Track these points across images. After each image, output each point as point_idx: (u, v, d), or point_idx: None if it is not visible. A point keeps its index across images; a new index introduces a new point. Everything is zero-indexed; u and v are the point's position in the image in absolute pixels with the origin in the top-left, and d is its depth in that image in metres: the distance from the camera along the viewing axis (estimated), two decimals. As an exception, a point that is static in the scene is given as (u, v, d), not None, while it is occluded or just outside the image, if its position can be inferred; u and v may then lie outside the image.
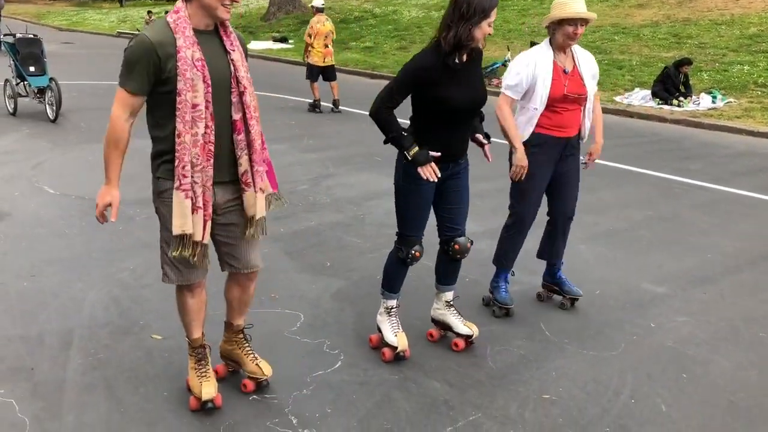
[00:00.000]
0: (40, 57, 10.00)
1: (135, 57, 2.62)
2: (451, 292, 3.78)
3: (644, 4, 19.83)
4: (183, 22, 2.66)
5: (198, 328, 3.11)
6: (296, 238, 5.43)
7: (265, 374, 3.21)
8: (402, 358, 3.58)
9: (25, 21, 23.97)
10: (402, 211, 3.50)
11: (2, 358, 3.48)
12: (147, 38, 2.62)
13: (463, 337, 3.73)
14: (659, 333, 4.01)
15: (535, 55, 3.87)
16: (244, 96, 2.80)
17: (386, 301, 3.68)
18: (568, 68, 3.87)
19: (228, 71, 2.76)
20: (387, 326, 3.63)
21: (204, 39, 2.71)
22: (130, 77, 2.65)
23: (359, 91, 13.83)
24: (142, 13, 30.11)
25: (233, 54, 2.78)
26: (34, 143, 8.32)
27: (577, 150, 4.08)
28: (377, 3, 26.00)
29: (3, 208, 5.85)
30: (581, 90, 3.87)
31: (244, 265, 3.08)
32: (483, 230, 5.59)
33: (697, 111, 11.93)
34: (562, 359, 3.68)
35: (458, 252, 3.60)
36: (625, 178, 7.67)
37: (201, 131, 2.69)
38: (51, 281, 4.43)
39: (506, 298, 4.16)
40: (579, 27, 3.75)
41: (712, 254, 5.34)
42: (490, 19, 3.18)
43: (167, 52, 2.62)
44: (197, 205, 2.76)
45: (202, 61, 2.66)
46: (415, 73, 3.26)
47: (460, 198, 3.57)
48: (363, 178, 7.23)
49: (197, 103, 2.66)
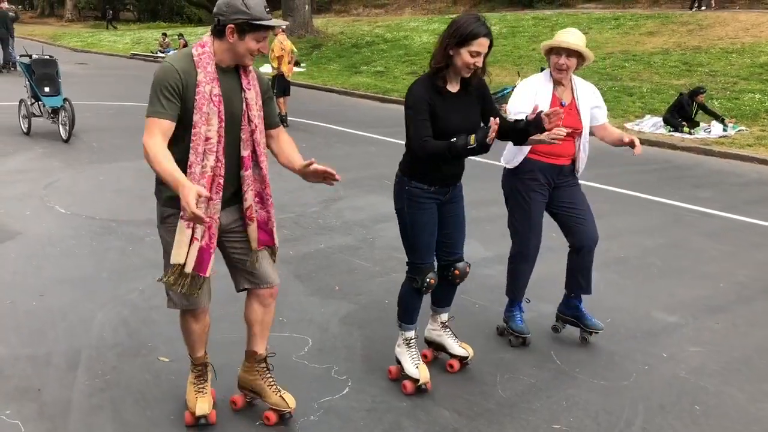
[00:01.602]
0: (55, 78, 10.11)
1: (160, 83, 2.69)
2: (447, 313, 3.77)
3: (655, 31, 19.92)
4: (207, 58, 2.74)
5: (200, 349, 3.14)
6: (305, 261, 5.42)
7: (290, 406, 3.13)
8: (424, 391, 3.51)
9: (41, 42, 24.33)
10: (410, 239, 3.44)
11: (9, 378, 3.47)
12: (171, 65, 2.71)
13: (458, 358, 3.70)
14: (671, 363, 3.96)
15: (535, 84, 3.88)
16: (254, 134, 2.87)
17: (404, 333, 3.60)
18: (565, 101, 3.86)
19: (241, 108, 2.83)
20: (407, 358, 3.56)
21: (224, 75, 2.79)
22: (159, 103, 2.69)
23: (370, 115, 13.91)
24: (156, 35, 30.50)
25: (248, 93, 2.84)
26: (46, 163, 8.39)
27: (575, 180, 4.03)
28: (388, 28, 26.23)
29: (14, 227, 5.88)
30: (577, 124, 3.86)
31: (262, 279, 3.07)
32: (492, 255, 5.56)
33: (708, 138, 11.90)
34: (572, 388, 3.63)
35: (458, 277, 3.59)
36: (635, 205, 7.63)
37: (211, 164, 2.74)
38: (60, 301, 4.43)
39: (522, 327, 4.10)
40: (563, 58, 3.72)
41: (724, 283, 5.29)
42: (471, 47, 3.13)
43: (189, 82, 2.70)
44: (195, 236, 2.78)
45: (219, 97, 2.73)
46: (416, 93, 3.26)
47: (457, 223, 3.55)
48: (372, 201, 7.23)
49: (210, 137, 2.72)
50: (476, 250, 5.61)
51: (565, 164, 3.95)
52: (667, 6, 24.47)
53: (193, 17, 45.75)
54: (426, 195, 3.37)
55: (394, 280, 4.78)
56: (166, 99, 2.67)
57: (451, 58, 3.20)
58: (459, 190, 3.54)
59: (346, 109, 14.89)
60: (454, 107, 3.28)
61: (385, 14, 33.38)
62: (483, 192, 7.14)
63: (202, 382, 3.14)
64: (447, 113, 3.25)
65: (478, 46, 3.14)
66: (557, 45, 3.73)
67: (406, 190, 3.38)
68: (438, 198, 3.41)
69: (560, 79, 3.84)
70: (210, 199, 2.77)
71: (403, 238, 3.49)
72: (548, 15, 24.16)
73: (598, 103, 4.00)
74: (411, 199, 3.37)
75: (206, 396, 3.11)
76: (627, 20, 21.39)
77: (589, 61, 3.84)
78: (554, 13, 24.76)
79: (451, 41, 3.18)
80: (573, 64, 3.77)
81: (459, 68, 3.21)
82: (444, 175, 3.36)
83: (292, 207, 6.82)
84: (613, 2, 26.49)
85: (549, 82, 3.86)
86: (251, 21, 2.66)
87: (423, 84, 3.28)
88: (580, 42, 3.74)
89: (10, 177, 7.58)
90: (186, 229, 2.76)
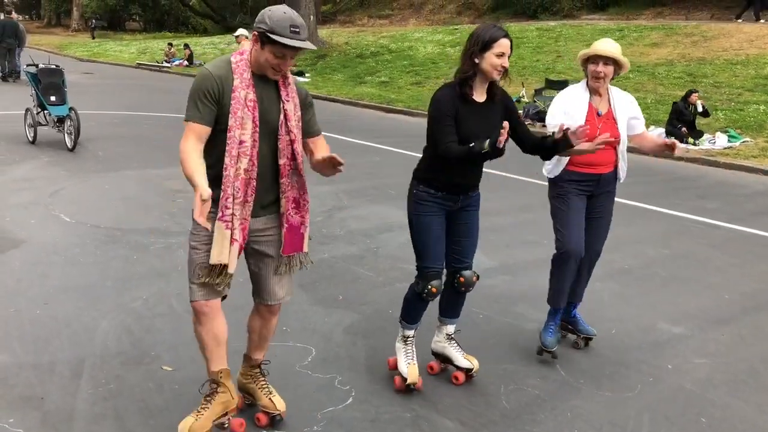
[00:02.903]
0: (61, 87, 10.16)
1: (200, 88, 2.76)
2: (453, 325, 3.77)
3: (659, 43, 19.95)
4: (244, 65, 2.81)
5: (215, 361, 3.02)
6: (309, 270, 5.37)
7: (278, 409, 3.20)
8: (412, 390, 3.55)
9: (48, 51, 24.44)
10: (418, 243, 3.50)
11: (13, 386, 3.47)
12: (208, 71, 2.80)
13: (464, 370, 3.70)
14: (677, 374, 3.94)
15: (570, 95, 3.92)
16: (294, 144, 2.93)
17: (404, 330, 3.67)
18: (602, 110, 3.89)
19: (278, 117, 2.88)
20: (402, 355, 3.62)
21: (261, 83, 2.84)
22: (196, 108, 2.76)
23: (374, 125, 13.94)
24: (162, 45, 30.64)
25: (287, 104, 2.90)
26: (52, 171, 8.42)
27: (613, 189, 4.06)
28: (393, 39, 26.32)
29: (19, 235, 5.89)
30: (614, 133, 3.87)
31: (268, 296, 3.10)
32: (497, 265, 5.55)
33: (713, 150, 11.89)
34: (577, 400, 3.61)
35: (463, 285, 3.59)
36: (640, 216, 7.62)
37: (244, 166, 2.80)
38: (64, 309, 4.43)
39: (550, 342, 4.03)
40: (601, 65, 3.78)
41: (729, 294, 5.26)
42: (494, 50, 3.23)
43: (225, 87, 2.76)
44: (234, 237, 2.84)
45: (254, 102, 2.80)
46: (442, 99, 3.31)
47: (469, 231, 3.58)
48: (376, 211, 7.23)
49: (244, 140, 2.78)
50: (480, 260, 5.58)
51: (604, 173, 3.96)
52: (672, 17, 24.51)
53: (198, 27, 45.93)
54: (432, 200, 3.42)
55: (398, 290, 4.77)
56: (202, 104, 2.75)
57: (477, 66, 3.27)
58: (474, 200, 3.57)
59: (351, 119, 14.92)
60: (479, 116, 3.34)
61: (390, 25, 33.50)
62: (488, 202, 7.09)
63: (207, 402, 3.04)
64: (472, 121, 3.31)
65: (500, 47, 3.24)
66: (594, 53, 3.78)
67: (414, 194, 3.47)
68: (446, 204, 3.44)
69: (597, 88, 3.87)
70: (245, 201, 2.84)
71: (412, 241, 3.54)
72: (552, 26, 24.22)
73: (636, 113, 4.02)
74: (417, 202, 3.45)
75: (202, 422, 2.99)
76: (631, 31, 21.43)
77: (625, 69, 3.88)
78: (558, 24, 24.81)
79: (475, 48, 3.26)
80: (610, 72, 3.81)
81: (488, 72, 3.27)
82: (453, 182, 3.40)
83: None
84: (617, 13, 26.54)
85: (585, 92, 3.91)
86: (268, 33, 2.70)
87: (449, 91, 3.34)
88: (616, 50, 3.79)
89: (15, 185, 7.60)
90: (225, 230, 2.81)
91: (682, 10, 25.24)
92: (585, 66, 3.88)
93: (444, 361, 3.79)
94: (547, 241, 6.10)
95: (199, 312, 2.94)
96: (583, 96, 3.90)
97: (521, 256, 5.88)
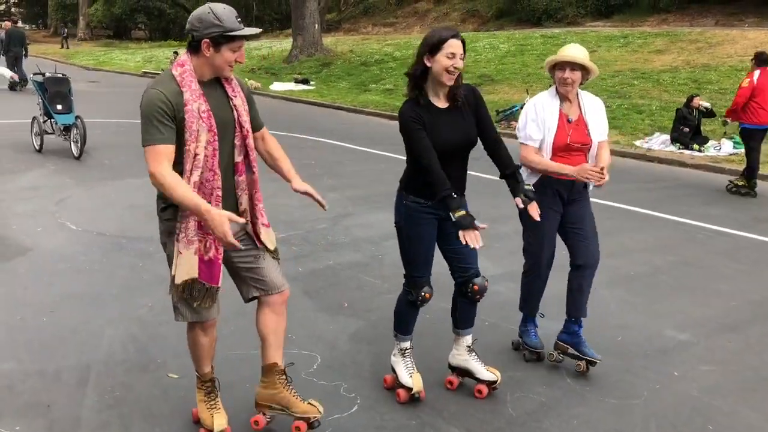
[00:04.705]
0: (68, 96, 10.21)
1: (151, 110, 2.69)
2: (470, 335, 3.71)
3: (663, 49, 19.94)
4: (189, 76, 2.76)
5: (208, 364, 3.13)
6: (314, 277, 5.42)
7: (320, 411, 3.12)
8: (417, 400, 3.53)
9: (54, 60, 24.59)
10: (406, 253, 3.49)
11: (19, 394, 3.48)
12: (156, 90, 2.72)
13: (486, 383, 3.64)
14: (683, 382, 3.92)
15: (540, 103, 3.88)
16: (247, 139, 2.92)
17: (399, 343, 3.65)
18: (572, 117, 3.86)
19: (232, 116, 2.88)
20: (402, 367, 3.59)
21: (208, 88, 2.82)
22: (156, 130, 2.69)
23: (379, 132, 13.95)
24: (167, 53, 30.80)
25: (235, 100, 2.90)
26: (58, 179, 8.45)
27: (586, 195, 4.01)
28: (397, 46, 26.39)
29: (25, 243, 5.91)
30: (585, 139, 3.85)
31: (271, 285, 3.07)
32: (502, 272, 5.54)
33: (718, 156, 11.85)
34: (583, 407, 3.60)
35: (477, 293, 3.52)
36: (645, 223, 7.60)
37: (195, 179, 2.76)
38: (70, 317, 4.44)
39: (536, 342, 4.08)
40: (567, 71, 3.74)
41: (737, 301, 5.24)
42: (444, 51, 3.20)
43: (177, 102, 2.71)
44: (210, 255, 2.85)
45: (208, 112, 2.77)
46: (405, 113, 3.31)
47: None
48: (381, 218, 7.23)
49: (198, 153, 2.75)
50: (485, 267, 5.57)
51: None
52: (676, 24, 24.51)
53: (204, 36, 46.05)
54: (423, 209, 3.39)
55: (403, 297, 4.77)
56: (162, 124, 2.69)
57: (429, 69, 3.26)
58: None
59: (356, 127, 14.95)
60: (444, 121, 3.32)
61: (394, 33, 33.60)
62: (493, 210, 7.14)
63: (213, 398, 3.14)
64: (438, 127, 3.29)
65: (450, 47, 3.20)
66: (560, 59, 3.77)
67: (404, 204, 3.44)
68: (437, 213, 3.39)
69: (566, 93, 3.84)
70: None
71: (401, 251, 3.52)
72: (557, 33, 24.25)
73: (602, 120, 3.95)
74: (408, 213, 3.42)
75: (221, 411, 3.11)
76: (635, 38, 21.43)
77: (593, 75, 3.85)
78: (563, 31, 24.84)
79: (424, 50, 3.25)
80: (577, 78, 3.78)
81: (439, 73, 3.24)
82: None
83: (301, 223, 6.83)
84: (622, 20, 26.55)
85: (555, 99, 3.87)
86: (225, 33, 2.69)
87: (410, 103, 3.35)
88: (583, 55, 3.76)
89: (22, 194, 7.64)
90: (190, 246, 2.81)
91: (686, 16, 25.23)
92: (552, 72, 3.85)
93: (463, 375, 3.72)
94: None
95: (194, 325, 3.02)
96: (553, 103, 3.86)
97: (526, 263, 5.85)
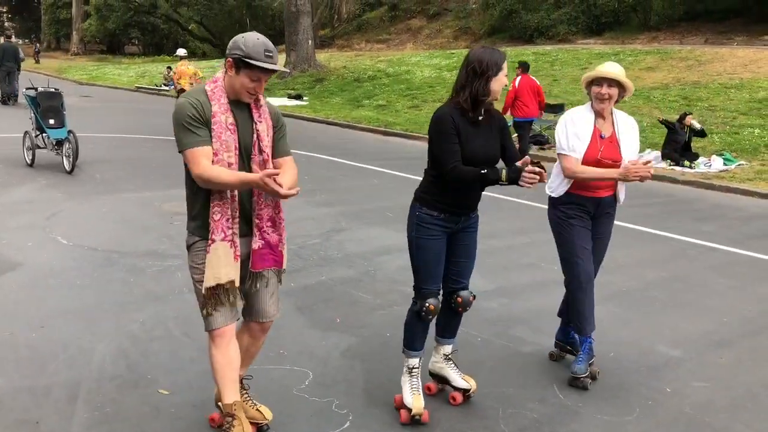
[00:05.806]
0: (60, 110, 10.20)
1: (182, 116, 2.82)
2: (450, 345, 3.77)
3: (654, 67, 20.12)
4: (219, 91, 2.90)
5: (229, 390, 3.02)
6: (306, 292, 5.40)
7: (267, 418, 3.29)
8: (418, 422, 3.48)
9: (47, 75, 24.60)
10: (416, 264, 3.52)
11: (9, 410, 3.44)
12: (186, 99, 2.87)
13: (461, 391, 3.69)
14: (676, 398, 3.92)
15: (576, 117, 3.94)
16: (267, 164, 2.99)
17: (407, 360, 3.62)
18: (605, 133, 3.92)
19: (251, 139, 2.95)
20: (407, 387, 3.57)
21: (236, 107, 2.93)
22: (192, 133, 2.82)
23: (372, 148, 13.98)
24: (161, 68, 30.83)
25: (259, 125, 2.98)
26: (49, 194, 8.42)
27: (613, 211, 4.08)
28: (390, 63, 26.52)
29: (16, 257, 5.88)
30: (616, 156, 3.90)
31: (257, 313, 3.17)
32: (494, 288, 5.54)
33: (709, 173, 11.94)
34: (576, 423, 3.59)
35: (461, 305, 3.61)
36: (637, 239, 7.63)
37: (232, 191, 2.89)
38: (61, 332, 4.41)
39: (579, 368, 3.97)
40: (605, 87, 3.82)
41: (728, 317, 5.26)
42: (504, 71, 3.33)
43: (206, 113, 2.84)
44: (237, 253, 2.94)
45: (233, 125, 2.89)
46: (444, 118, 3.34)
47: (468, 252, 3.60)
48: (374, 234, 7.23)
49: (231, 163, 2.86)
50: (478, 283, 5.58)
51: (604, 196, 3.99)
52: (666, 42, 24.75)
53: (197, 51, 46.24)
54: (435, 222, 3.43)
55: (396, 313, 4.76)
56: (195, 127, 2.82)
57: (488, 88, 3.33)
58: (473, 221, 3.60)
59: (349, 142, 14.99)
60: (477, 133, 3.38)
61: (387, 49, 33.77)
62: (485, 225, 7.09)
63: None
64: (470, 138, 3.34)
65: (506, 66, 3.36)
66: (598, 75, 3.84)
67: (416, 216, 3.48)
68: (448, 226, 3.46)
69: (602, 110, 3.90)
70: (236, 220, 2.93)
71: (411, 261, 3.55)
72: (549, 50, 24.44)
73: (635, 140, 4.05)
74: (420, 224, 3.46)
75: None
76: (627, 55, 21.62)
77: (629, 93, 3.94)
78: (554, 48, 25.03)
79: (491, 72, 3.30)
80: (614, 94, 3.85)
81: (496, 93, 3.34)
82: (455, 203, 3.43)
83: (294, 238, 6.82)
84: (613, 38, 26.79)
85: (591, 113, 3.94)
86: (243, 58, 2.80)
87: (449, 109, 3.37)
88: (620, 73, 3.84)
89: (13, 208, 7.60)
90: (230, 248, 2.91)
91: (676, 34, 25.49)
92: (589, 88, 3.91)
93: (441, 382, 3.78)
94: (545, 264, 6.11)
95: (217, 337, 3.00)
96: (589, 117, 3.93)
97: (518, 278, 5.87)
